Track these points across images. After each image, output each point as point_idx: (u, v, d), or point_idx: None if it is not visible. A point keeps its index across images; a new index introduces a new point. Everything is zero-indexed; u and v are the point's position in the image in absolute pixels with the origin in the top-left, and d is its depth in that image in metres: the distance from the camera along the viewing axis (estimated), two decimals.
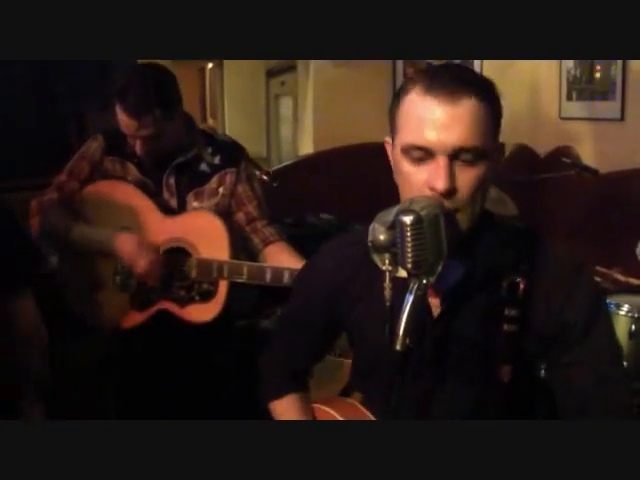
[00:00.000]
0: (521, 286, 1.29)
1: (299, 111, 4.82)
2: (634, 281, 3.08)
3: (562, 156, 3.77)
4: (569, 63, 4.35)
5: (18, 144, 3.24)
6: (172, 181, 2.32)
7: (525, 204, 3.31)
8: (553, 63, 4.47)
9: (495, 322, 1.30)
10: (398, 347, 1.12)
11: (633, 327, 2.42)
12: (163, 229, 2.27)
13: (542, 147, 4.50)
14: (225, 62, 6.23)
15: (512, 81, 4.42)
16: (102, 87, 3.10)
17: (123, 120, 2.18)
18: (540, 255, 1.33)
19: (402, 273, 1.18)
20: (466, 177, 1.21)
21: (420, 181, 1.22)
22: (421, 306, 1.19)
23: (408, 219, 1.12)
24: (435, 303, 1.34)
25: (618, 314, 2.44)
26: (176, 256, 2.27)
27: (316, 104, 4.51)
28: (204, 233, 2.25)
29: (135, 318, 2.29)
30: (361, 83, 4.48)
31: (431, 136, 1.20)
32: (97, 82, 3.11)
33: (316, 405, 1.58)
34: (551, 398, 1.36)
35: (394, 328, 1.14)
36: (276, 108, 6.09)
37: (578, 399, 1.31)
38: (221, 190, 2.33)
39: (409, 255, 1.12)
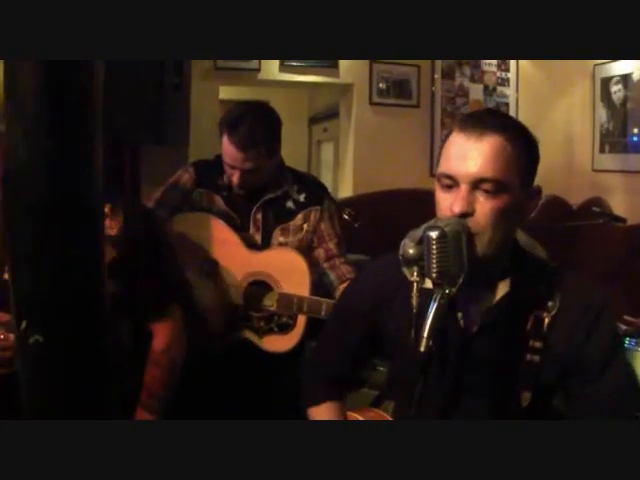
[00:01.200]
0: (546, 321, 1.43)
1: (340, 156, 5.01)
2: None
3: (593, 206, 3.89)
4: (602, 117, 4.49)
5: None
6: (259, 216, 2.43)
7: (556, 252, 3.41)
8: (587, 117, 4.62)
9: (519, 351, 1.43)
10: (422, 348, 1.26)
11: None
12: (247, 262, 2.38)
13: (575, 199, 4.61)
14: None
15: (546, 134, 4.54)
16: (158, 121, 3.24)
17: (230, 152, 2.31)
18: (567, 293, 1.46)
19: (428, 284, 1.32)
20: (486, 205, 1.36)
21: (447, 206, 1.38)
22: (447, 317, 1.33)
23: (434, 234, 1.27)
24: (467, 327, 1.48)
25: (638, 351, 2.52)
26: (258, 289, 2.39)
27: (357, 149, 4.69)
28: (287, 269, 2.35)
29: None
30: (400, 130, 4.67)
31: (456, 166, 1.37)
32: (154, 116, 3.26)
33: (349, 413, 1.72)
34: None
35: (420, 332, 1.28)
36: (318, 153, 6.30)
37: None
38: (305, 227, 2.43)
39: (434, 266, 1.27)
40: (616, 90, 4.42)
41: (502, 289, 1.47)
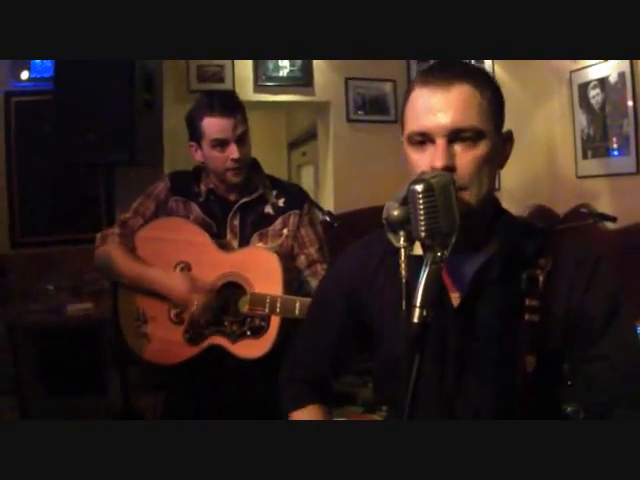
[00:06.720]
0: (540, 278, 1.32)
1: (320, 177, 4.93)
2: None
3: (580, 209, 3.82)
4: (582, 122, 4.44)
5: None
6: (236, 222, 2.34)
7: None
8: (567, 124, 4.56)
9: (517, 313, 1.31)
10: (415, 319, 1.12)
11: None
12: (219, 264, 2.28)
13: (561, 207, 4.53)
14: None
15: (528, 143, 4.49)
16: (130, 141, 3.18)
17: (219, 125, 2.23)
18: (559, 249, 1.36)
19: (417, 250, 1.20)
20: (467, 156, 1.27)
21: (425, 164, 1.28)
22: (439, 287, 1.20)
23: (419, 187, 1.15)
24: (455, 295, 1.35)
25: None
26: (230, 291, 2.27)
27: (336, 167, 4.63)
28: (259, 268, 2.24)
29: (187, 352, 2.28)
30: (379, 146, 4.59)
31: (428, 121, 1.27)
32: (125, 136, 3.19)
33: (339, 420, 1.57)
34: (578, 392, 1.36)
35: (411, 303, 1.15)
36: (298, 178, 6.23)
37: (603, 395, 1.30)
38: (285, 232, 2.34)
39: (422, 223, 1.14)
40: (594, 94, 4.38)
41: (489, 251, 1.35)
